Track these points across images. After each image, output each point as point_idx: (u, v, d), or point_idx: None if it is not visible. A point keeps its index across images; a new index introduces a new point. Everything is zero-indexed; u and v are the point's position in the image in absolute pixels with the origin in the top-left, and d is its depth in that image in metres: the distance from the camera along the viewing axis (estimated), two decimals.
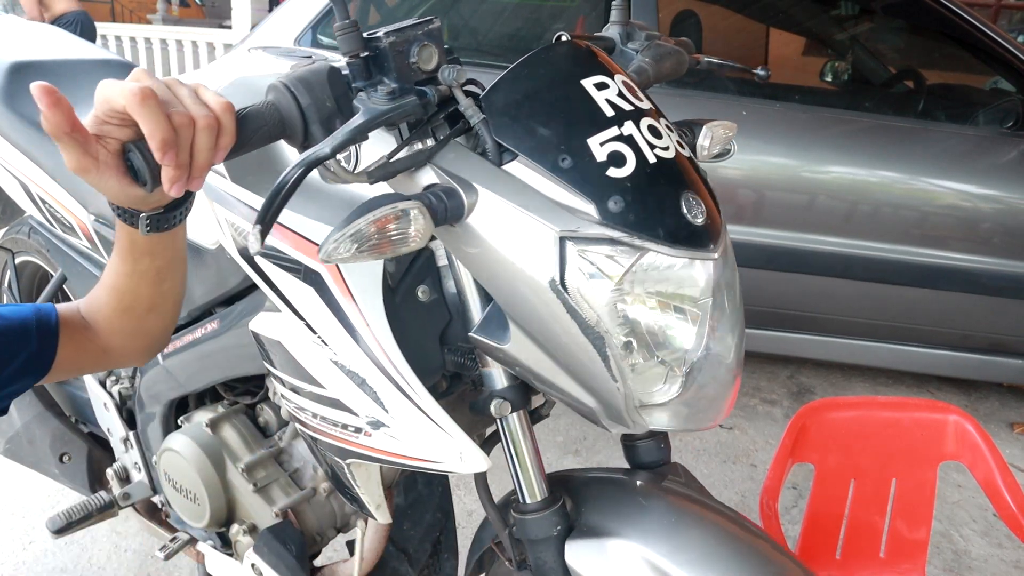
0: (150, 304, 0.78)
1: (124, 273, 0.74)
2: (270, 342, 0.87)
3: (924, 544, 1.66)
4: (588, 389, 0.73)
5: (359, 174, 0.66)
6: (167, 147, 0.56)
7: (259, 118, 0.62)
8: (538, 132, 0.68)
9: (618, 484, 0.88)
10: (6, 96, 1.36)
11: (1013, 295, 2.38)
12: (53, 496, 1.98)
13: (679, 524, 0.79)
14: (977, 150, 2.41)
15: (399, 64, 0.66)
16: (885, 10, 3.06)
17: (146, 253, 0.71)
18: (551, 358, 0.73)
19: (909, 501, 1.66)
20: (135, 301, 0.77)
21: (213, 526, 1.20)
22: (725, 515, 0.83)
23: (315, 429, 0.89)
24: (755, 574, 0.73)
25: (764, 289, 2.47)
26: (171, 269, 0.76)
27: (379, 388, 0.80)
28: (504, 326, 0.74)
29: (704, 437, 2.52)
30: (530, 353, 0.73)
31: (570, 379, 0.73)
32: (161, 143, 0.55)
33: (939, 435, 1.65)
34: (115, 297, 0.78)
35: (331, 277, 0.80)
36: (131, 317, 0.80)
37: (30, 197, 1.40)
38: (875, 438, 1.66)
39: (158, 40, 5.74)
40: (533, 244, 0.67)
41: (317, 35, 2.61)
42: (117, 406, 1.38)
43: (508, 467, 0.86)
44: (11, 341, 0.76)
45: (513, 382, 0.83)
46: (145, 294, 0.76)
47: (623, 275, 0.66)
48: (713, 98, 2.55)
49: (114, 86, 0.56)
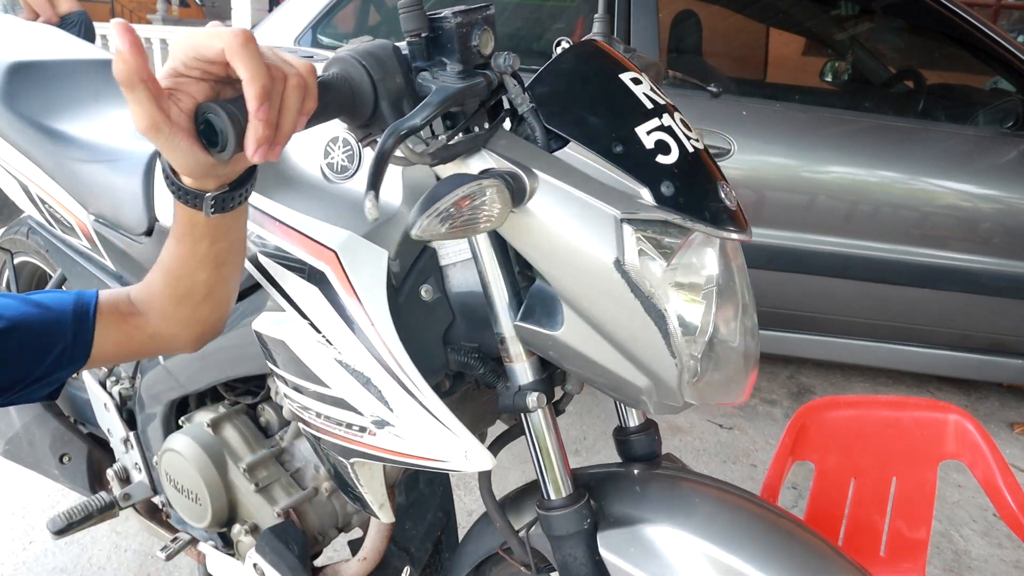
0: (207, 290, 0.74)
1: (182, 258, 0.71)
2: (273, 341, 0.87)
3: (924, 544, 1.66)
4: (642, 368, 0.74)
5: (422, 155, 0.67)
6: (264, 97, 0.52)
7: (334, 88, 0.61)
8: (589, 120, 0.71)
9: (630, 475, 0.90)
10: (6, 96, 1.36)
11: (1013, 295, 2.38)
12: (53, 496, 1.97)
13: (702, 504, 0.82)
14: (977, 150, 2.41)
15: (462, 46, 0.66)
16: (885, 10, 3.06)
17: (206, 236, 0.68)
18: (607, 340, 0.73)
19: (909, 500, 1.66)
20: (192, 287, 0.74)
21: (214, 526, 1.19)
22: (742, 495, 0.86)
23: (319, 428, 0.89)
24: (785, 547, 0.78)
25: (764, 289, 2.47)
26: (232, 252, 0.72)
27: (384, 387, 0.80)
28: (551, 313, 0.75)
29: (704, 437, 2.52)
30: (584, 337, 0.74)
31: (623, 360, 0.74)
32: (261, 91, 0.52)
33: (939, 434, 1.65)
34: (170, 283, 0.74)
35: (335, 276, 0.80)
36: (187, 304, 0.76)
37: (29, 197, 1.39)
38: (875, 437, 1.66)
39: (158, 40, 5.74)
40: (594, 227, 0.68)
41: (317, 35, 2.61)
42: (117, 406, 1.38)
43: (533, 463, 0.85)
44: (46, 334, 0.73)
45: (540, 375, 0.82)
46: (202, 280, 0.73)
47: (676, 254, 0.70)
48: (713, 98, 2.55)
49: (206, 31, 0.52)
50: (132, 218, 1.15)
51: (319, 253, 0.81)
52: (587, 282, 0.70)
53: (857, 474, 1.67)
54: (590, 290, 0.71)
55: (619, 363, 0.75)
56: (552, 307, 0.75)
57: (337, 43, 2.67)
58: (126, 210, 1.16)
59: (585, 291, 0.71)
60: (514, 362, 0.81)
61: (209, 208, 0.63)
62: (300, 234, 0.83)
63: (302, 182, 0.90)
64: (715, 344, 0.75)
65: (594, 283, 0.70)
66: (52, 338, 0.74)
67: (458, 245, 0.84)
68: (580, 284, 0.71)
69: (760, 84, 3.39)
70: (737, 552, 0.76)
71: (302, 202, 0.86)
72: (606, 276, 0.69)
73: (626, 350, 0.73)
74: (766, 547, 0.77)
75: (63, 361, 0.75)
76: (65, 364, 0.76)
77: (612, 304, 0.71)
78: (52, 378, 0.76)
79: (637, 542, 0.80)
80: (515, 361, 0.81)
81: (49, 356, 0.74)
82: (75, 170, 1.26)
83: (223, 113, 0.54)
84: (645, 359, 0.73)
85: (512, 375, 0.82)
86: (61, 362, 0.75)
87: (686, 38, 2.85)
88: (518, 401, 0.81)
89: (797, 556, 0.77)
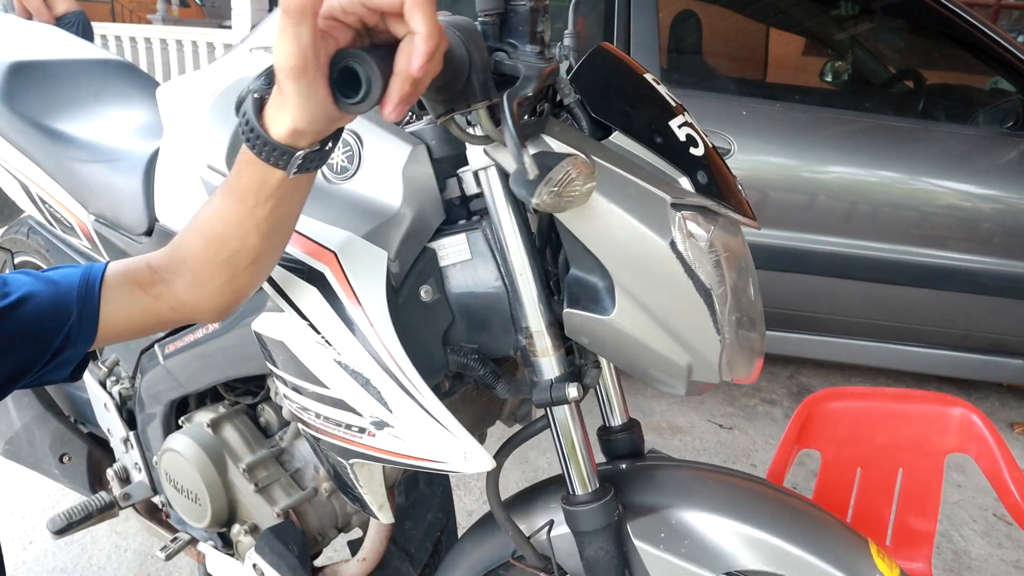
0: (254, 257, 0.70)
1: (236, 219, 0.66)
2: (273, 342, 0.87)
3: (931, 535, 1.67)
4: (687, 347, 0.77)
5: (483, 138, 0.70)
6: (432, 55, 0.51)
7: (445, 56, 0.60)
8: (630, 112, 0.75)
9: (643, 467, 0.92)
10: (6, 96, 1.36)
11: (1013, 295, 2.38)
12: (53, 496, 1.97)
13: (719, 488, 0.86)
14: (977, 150, 2.41)
15: (532, 31, 0.67)
16: (885, 10, 3.06)
17: (273, 197, 0.64)
18: (656, 321, 0.75)
19: (915, 492, 1.67)
20: (239, 252, 0.69)
21: (214, 526, 1.19)
22: (753, 479, 0.91)
23: (318, 429, 0.89)
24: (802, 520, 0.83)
25: (764, 289, 2.45)
26: (291, 217, 0.69)
27: (383, 388, 0.80)
28: (597, 299, 0.76)
29: (704, 437, 2.52)
30: (634, 319, 0.75)
31: (669, 340, 0.76)
32: (433, 49, 0.50)
33: (945, 427, 1.65)
34: (214, 246, 0.69)
35: (334, 277, 0.80)
36: (226, 270, 0.71)
37: (30, 197, 1.39)
38: (882, 429, 1.67)
39: (158, 40, 5.73)
40: (649, 210, 0.72)
41: None
42: (117, 406, 1.38)
43: (559, 459, 0.85)
44: (54, 312, 0.71)
45: (568, 367, 0.82)
46: (252, 245, 0.68)
47: (711, 237, 0.75)
48: (713, 98, 2.55)
49: None
50: (132, 218, 1.15)
51: (318, 254, 0.81)
52: (643, 264, 0.73)
53: (863, 464, 1.68)
54: (645, 271, 0.73)
55: (664, 343, 0.77)
56: (596, 293, 0.76)
57: None
58: (126, 210, 1.16)
59: (640, 272, 0.74)
60: (541, 356, 0.81)
61: (295, 166, 0.60)
62: (299, 235, 0.83)
63: None
64: (743, 322, 0.79)
65: (650, 264, 0.73)
66: (60, 315, 0.71)
67: (458, 246, 0.84)
68: (636, 266, 0.73)
69: (760, 84, 3.39)
70: (761, 527, 0.80)
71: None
72: (662, 257, 0.72)
73: (673, 329, 0.76)
74: (786, 521, 0.81)
75: (72, 339, 0.72)
76: (74, 342, 0.72)
77: (666, 284, 0.73)
78: (64, 357, 0.73)
79: (666, 528, 0.83)
80: (542, 355, 0.81)
81: (59, 335, 0.71)
82: (75, 170, 1.26)
83: (373, 64, 0.51)
84: (692, 337, 0.76)
85: (539, 370, 0.82)
86: (70, 340, 0.72)
87: (686, 38, 2.85)
88: (556, 394, 0.80)
89: (813, 528, 0.82)
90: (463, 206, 0.85)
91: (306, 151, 0.59)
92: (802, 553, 0.78)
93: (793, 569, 0.78)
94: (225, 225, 0.68)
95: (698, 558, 0.81)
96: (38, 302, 0.71)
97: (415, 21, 0.51)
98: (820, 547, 0.79)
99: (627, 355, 0.79)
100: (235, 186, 0.65)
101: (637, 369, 0.81)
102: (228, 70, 1.01)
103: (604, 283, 0.76)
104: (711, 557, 0.81)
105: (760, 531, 0.80)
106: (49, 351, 0.72)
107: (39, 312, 0.70)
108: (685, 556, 0.81)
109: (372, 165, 0.84)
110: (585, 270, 0.77)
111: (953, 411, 1.64)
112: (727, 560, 0.80)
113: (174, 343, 1.18)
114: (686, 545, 0.81)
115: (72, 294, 0.72)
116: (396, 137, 0.83)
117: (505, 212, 0.78)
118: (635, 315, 0.75)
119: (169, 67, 5.70)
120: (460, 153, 0.84)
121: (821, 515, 0.85)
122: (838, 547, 0.80)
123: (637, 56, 2.39)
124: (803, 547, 0.78)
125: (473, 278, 0.84)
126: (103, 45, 5.79)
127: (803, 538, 0.79)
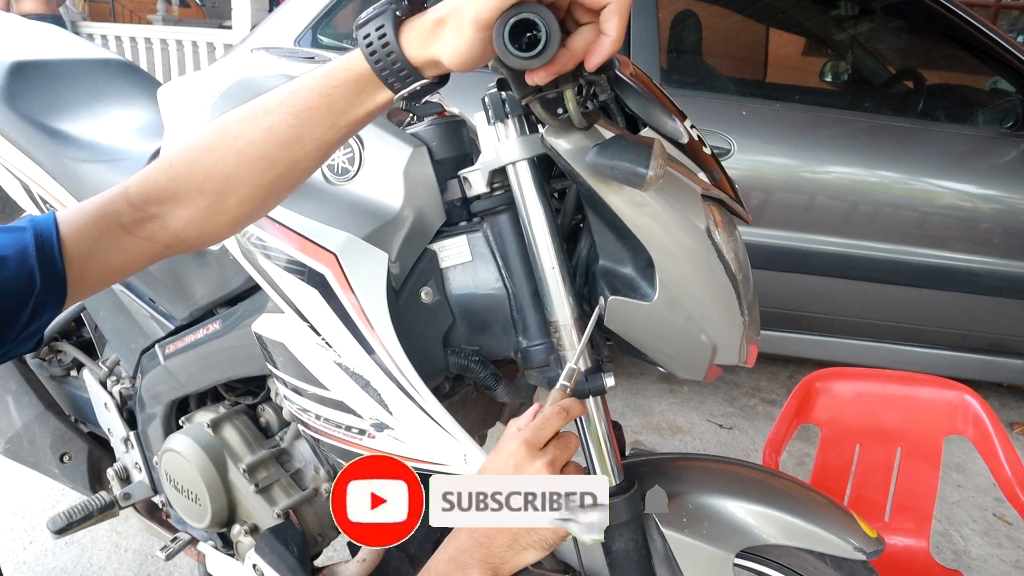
0: (297, 181, 0.69)
1: (303, 140, 0.65)
2: (273, 344, 0.87)
3: (929, 514, 1.69)
4: (716, 329, 0.81)
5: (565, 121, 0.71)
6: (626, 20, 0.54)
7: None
8: (655, 111, 0.77)
9: (655, 461, 0.96)
10: (7, 95, 1.36)
11: (1013, 295, 2.38)
12: (53, 496, 1.97)
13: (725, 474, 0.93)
14: (977, 150, 2.41)
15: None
16: (885, 10, 3.06)
17: (360, 121, 0.65)
18: (691, 304, 0.79)
19: (914, 471, 1.69)
20: (285, 176, 0.67)
21: (214, 526, 1.20)
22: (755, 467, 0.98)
23: (318, 431, 0.89)
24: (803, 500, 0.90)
25: (764, 289, 2.45)
26: (340, 144, 0.68)
27: (383, 390, 0.80)
28: (637, 286, 0.79)
29: (704, 437, 2.52)
30: (671, 304, 0.78)
31: (701, 323, 0.80)
32: (616, 51, 0.55)
33: (945, 410, 1.68)
34: (261, 167, 0.66)
35: (335, 278, 0.80)
36: (262, 194, 0.68)
37: (30, 196, 1.39)
38: (882, 409, 1.70)
39: (158, 40, 5.73)
40: (686, 200, 0.76)
41: (317, 35, 2.61)
42: (118, 406, 1.38)
43: (584, 453, 0.85)
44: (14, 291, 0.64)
45: (597, 359, 0.83)
46: (306, 167, 0.67)
47: (725, 226, 0.80)
48: (713, 98, 2.55)
49: None
50: None
51: (319, 255, 0.81)
52: (683, 249, 0.76)
53: (863, 442, 1.70)
54: (685, 256, 0.77)
55: (696, 326, 0.79)
56: (633, 281, 0.79)
57: (338, 43, 2.67)
58: None
59: (680, 257, 0.77)
60: (569, 350, 0.81)
61: (409, 92, 0.62)
62: (300, 236, 0.83)
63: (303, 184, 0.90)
64: (751, 307, 0.84)
65: (690, 249, 0.76)
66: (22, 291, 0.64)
67: (458, 247, 0.84)
68: (677, 251, 0.77)
69: (760, 84, 3.38)
70: (770, 504, 0.87)
71: (302, 204, 0.86)
72: (700, 243, 0.76)
73: (705, 313, 0.79)
74: (786, 498, 0.89)
75: (39, 310, 0.66)
76: (41, 312, 0.66)
77: (703, 268, 0.77)
78: (32, 329, 0.67)
79: (685, 513, 0.88)
80: (571, 349, 0.81)
81: (26, 311, 0.65)
82: (76, 170, 1.26)
83: (555, 23, 0.54)
84: (720, 319, 0.80)
85: (567, 363, 0.81)
86: (38, 312, 0.66)
87: (686, 38, 2.85)
88: (593, 383, 0.81)
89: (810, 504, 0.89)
90: (464, 208, 0.85)
91: (427, 82, 0.62)
92: (806, 524, 0.85)
93: (799, 539, 0.85)
94: (283, 147, 0.65)
95: (717, 538, 0.86)
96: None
97: (609, 24, 0.54)
98: (818, 518, 0.86)
99: (661, 340, 0.81)
100: (313, 104, 0.63)
101: (668, 353, 0.83)
102: (229, 71, 1.01)
103: (640, 271, 0.78)
104: (729, 535, 0.86)
105: (768, 508, 0.86)
106: (16, 329, 0.66)
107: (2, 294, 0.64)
108: (706, 538, 0.86)
109: (373, 166, 0.84)
110: (617, 261, 0.79)
111: (952, 395, 1.66)
112: (744, 537, 0.86)
113: (175, 343, 1.18)
114: (706, 527, 0.86)
115: (30, 262, 0.64)
116: (397, 138, 0.83)
117: (534, 206, 0.79)
118: (673, 299, 0.78)
119: (169, 67, 5.70)
120: (461, 154, 0.85)
121: (813, 494, 0.93)
122: (831, 517, 0.88)
123: (637, 56, 2.39)
124: (806, 519, 0.86)
125: (474, 280, 0.84)
126: (103, 45, 5.79)
127: (803, 511, 0.87)
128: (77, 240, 0.66)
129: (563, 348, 0.81)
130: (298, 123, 0.64)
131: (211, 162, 0.66)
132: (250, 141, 0.65)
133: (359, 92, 0.63)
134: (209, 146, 0.67)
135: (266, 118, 0.65)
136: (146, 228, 0.67)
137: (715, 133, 2.34)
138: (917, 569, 1.65)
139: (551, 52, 0.55)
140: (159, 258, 0.71)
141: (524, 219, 0.79)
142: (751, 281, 0.85)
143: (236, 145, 0.66)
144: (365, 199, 0.84)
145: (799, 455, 2.44)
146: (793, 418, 1.65)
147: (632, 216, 0.75)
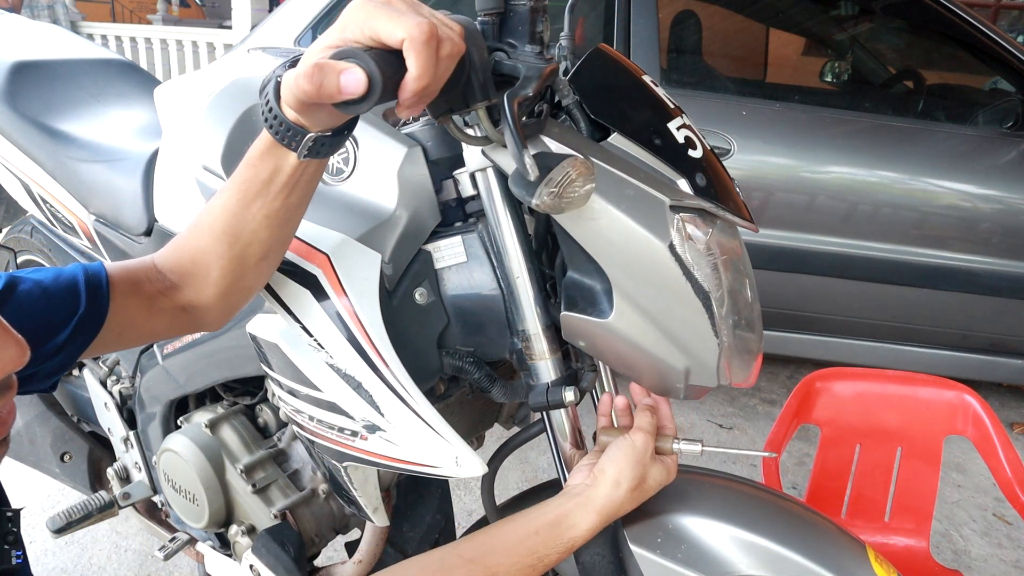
0: (264, 251, 0.73)
1: (249, 212, 0.69)
2: (267, 344, 0.87)
3: (929, 514, 1.69)
4: (685, 350, 0.76)
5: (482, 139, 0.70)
6: (421, 95, 0.55)
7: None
8: (629, 114, 0.74)
9: None
10: (7, 95, 1.36)
11: (1013, 295, 2.38)
12: (53, 496, 1.98)
13: (714, 492, 0.86)
14: (977, 150, 2.41)
15: (532, 31, 0.67)
16: (885, 10, 3.05)
17: (285, 187, 0.67)
18: (653, 324, 0.74)
19: (914, 471, 1.70)
20: (249, 246, 0.72)
21: (212, 527, 1.20)
22: (747, 483, 0.90)
23: (312, 432, 0.89)
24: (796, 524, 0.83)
25: (764, 289, 2.45)
26: (299, 209, 0.72)
27: (375, 392, 0.80)
28: (594, 302, 0.76)
29: (704, 437, 2.52)
30: (632, 322, 0.74)
31: (667, 344, 0.75)
32: (421, 90, 0.55)
33: (945, 410, 1.68)
34: (226, 241, 0.72)
35: (327, 279, 0.80)
36: (238, 266, 0.73)
37: (31, 196, 1.40)
38: (882, 409, 1.70)
39: (158, 40, 5.74)
40: (648, 212, 0.71)
41: (317, 35, 2.61)
42: (118, 406, 1.39)
43: (555, 462, 0.85)
44: (64, 301, 0.70)
45: (565, 371, 0.82)
46: (264, 238, 0.71)
47: (709, 240, 0.74)
48: (713, 98, 2.55)
49: (391, 14, 0.54)
50: (132, 218, 1.15)
51: (311, 256, 0.81)
52: (641, 266, 0.72)
53: (863, 442, 1.70)
54: (643, 274, 0.72)
55: (662, 347, 0.76)
56: (593, 296, 0.76)
57: None
58: (126, 210, 1.16)
59: (638, 275, 0.73)
60: (538, 359, 0.81)
61: (305, 150, 0.63)
62: (293, 237, 0.83)
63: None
64: (740, 324, 0.78)
65: (648, 267, 0.72)
66: (69, 306, 0.70)
67: (453, 248, 0.84)
68: (634, 268, 0.73)
69: (760, 84, 3.38)
70: (758, 531, 0.80)
71: None
72: (661, 260, 0.71)
73: (672, 333, 0.75)
74: (783, 526, 0.82)
75: (80, 329, 0.71)
76: (77, 336, 0.72)
77: (664, 287, 0.73)
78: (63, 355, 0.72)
79: (663, 533, 0.83)
80: (539, 359, 0.81)
81: (68, 327, 0.70)
82: (76, 170, 1.26)
83: (375, 69, 0.53)
84: (690, 340, 0.75)
85: (537, 373, 0.82)
86: (78, 330, 0.71)
87: (686, 38, 2.85)
88: (553, 397, 0.80)
89: (810, 532, 0.82)
90: (459, 208, 0.85)
91: (316, 135, 0.62)
92: (799, 558, 0.78)
93: (790, 574, 0.78)
94: (237, 219, 0.70)
95: (695, 563, 0.80)
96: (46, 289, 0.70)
97: (410, 62, 0.54)
98: (817, 552, 0.79)
99: (624, 359, 0.78)
100: (247, 176, 0.67)
101: (634, 373, 0.80)
102: (225, 71, 1.01)
103: (602, 286, 0.75)
104: (708, 562, 0.80)
105: (757, 536, 0.80)
106: (54, 345, 0.70)
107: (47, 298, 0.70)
108: (682, 561, 0.81)
109: (367, 167, 0.84)
110: (582, 273, 0.76)
111: (952, 395, 1.66)
112: (724, 565, 0.80)
113: (173, 343, 1.18)
114: (683, 550, 0.81)
115: (78, 286, 0.71)
116: (392, 139, 0.83)
117: (502, 214, 0.78)
118: (633, 318, 0.74)
119: (169, 67, 5.70)
120: (456, 155, 0.85)
121: (817, 519, 0.85)
122: (835, 551, 0.80)
123: (637, 56, 2.39)
124: (800, 552, 0.79)
125: (469, 281, 0.84)
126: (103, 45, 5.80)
127: (800, 543, 0.80)
128: (121, 278, 0.74)
129: (532, 357, 0.81)
130: (241, 196, 0.69)
131: (195, 238, 0.74)
132: (215, 216, 0.72)
133: (272, 159, 0.66)
134: (195, 223, 0.74)
135: (224, 193, 0.71)
136: (169, 296, 0.76)
137: (715, 133, 2.34)
138: (917, 569, 1.66)
139: (375, 94, 0.54)
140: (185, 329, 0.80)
141: (492, 226, 0.79)
142: (747, 295, 0.80)
143: (207, 221, 0.73)
144: (359, 200, 0.84)
145: (799, 455, 2.45)
146: (793, 418, 1.65)
147: (581, 232, 0.73)
